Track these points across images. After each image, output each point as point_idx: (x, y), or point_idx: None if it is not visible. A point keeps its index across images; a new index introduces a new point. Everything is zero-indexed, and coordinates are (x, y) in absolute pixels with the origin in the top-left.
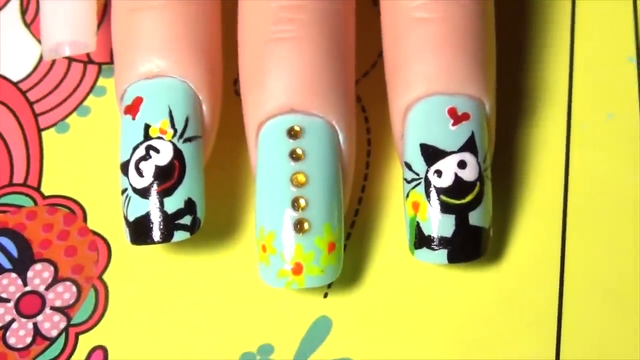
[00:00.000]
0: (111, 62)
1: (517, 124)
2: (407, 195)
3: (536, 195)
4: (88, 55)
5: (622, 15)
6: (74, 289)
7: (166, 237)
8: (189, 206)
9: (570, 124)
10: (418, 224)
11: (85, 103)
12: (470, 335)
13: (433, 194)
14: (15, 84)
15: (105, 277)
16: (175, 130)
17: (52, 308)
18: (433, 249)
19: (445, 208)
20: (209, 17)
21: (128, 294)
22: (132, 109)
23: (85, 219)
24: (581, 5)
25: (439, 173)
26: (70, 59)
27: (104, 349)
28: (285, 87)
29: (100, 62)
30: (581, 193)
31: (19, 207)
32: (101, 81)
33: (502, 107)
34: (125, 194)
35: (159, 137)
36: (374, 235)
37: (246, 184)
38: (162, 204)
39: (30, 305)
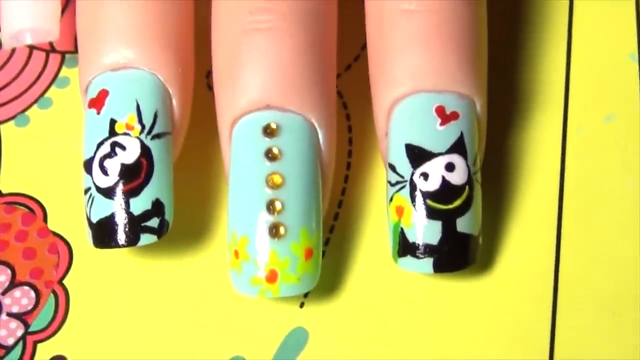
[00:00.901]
0: (75, 52)
1: (509, 125)
2: (391, 199)
3: (529, 201)
4: (51, 43)
5: (623, 10)
6: (33, 294)
7: (132, 240)
8: (157, 207)
9: (566, 127)
10: (402, 230)
11: (47, 95)
12: (456, 350)
13: (419, 198)
14: None
15: (66, 282)
16: (143, 126)
17: (9, 314)
18: (418, 257)
19: (432, 213)
20: (181, 6)
21: (90, 300)
22: (97, 103)
23: (45, 219)
24: (579, 1)
25: (425, 176)
26: (32, 48)
27: (63, 359)
28: (261, 82)
29: (63, 50)
30: (576, 199)
31: None
32: (64, 71)
33: (493, 107)
34: (88, 194)
35: (125, 133)
36: (355, 241)
37: (218, 184)
38: (127, 204)
39: None
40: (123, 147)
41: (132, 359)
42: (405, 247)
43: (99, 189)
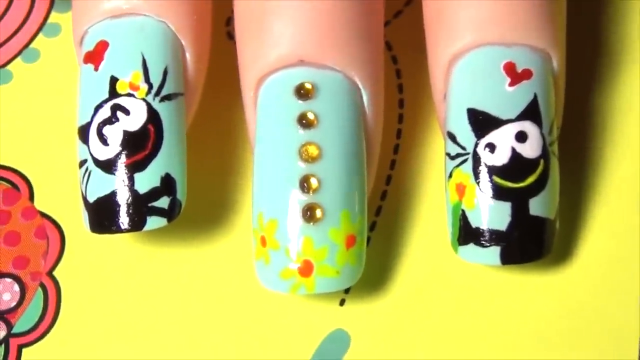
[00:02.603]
0: None
1: (593, 85)
2: (450, 175)
3: (615, 178)
4: None
5: None
6: (17, 287)
7: (137, 224)
8: (167, 184)
9: None
10: (464, 212)
11: (33, 45)
12: (529, 357)
13: (483, 174)
14: None
15: (56, 273)
16: (151, 85)
17: None
18: (483, 246)
19: (499, 193)
20: None
21: (85, 296)
22: (95, 57)
23: (31, 198)
24: None
25: (491, 147)
26: None
27: None
28: (294, 32)
29: None
30: None
31: None
32: (54, 17)
33: (574, 63)
34: (84, 167)
35: (129, 94)
36: (406, 225)
37: (241, 156)
38: (132, 181)
39: None
40: (126, 111)
41: None
42: (467, 233)
43: (97, 162)
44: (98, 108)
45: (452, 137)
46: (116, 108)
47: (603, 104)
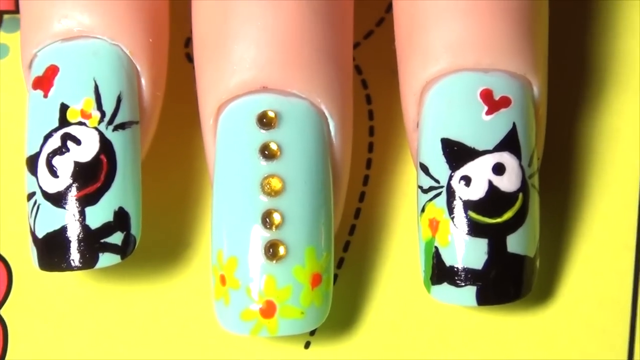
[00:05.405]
0: (17, 12)
1: (577, 113)
2: (423, 210)
3: (601, 212)
4: None
5: None
6: None
7: (88, 261)
8: (120, 219)
9: None
10: (437, 249)
11: None
12: None
13: (458, 208)
14: None
15: (3, 312)
16: (103, 114)
17: None
18: (457, 285)
19: (475, 229)
20: None
21: (34, 336)
22: (44, 83)
23: None
24: None
25: (466, 180)
26: None
27: None
28: (256, 56)
29: (1, 10)
30: None
31: None
32: (1, 37)
33: (556, 90)
34: (32, 201)
35: (80, 123)
36: (376, 262)
37: (200, 188)
38: (83, 215)
39: None
40: (77, 141)
41: None
42: (440, 272)
43: (46, 195)
44: (47, 137)
45: (425, 169)
46: (66, 137)
47: (587, 133)
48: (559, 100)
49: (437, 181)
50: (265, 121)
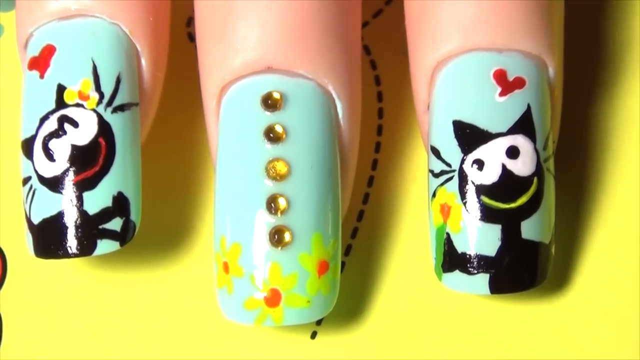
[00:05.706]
0: None
1: (593, 95)
2: (434, 195)
3: (618, 197)
4: None
5: None
6: None
7: (86, 248)
8: (119, 204)
9: None
10: (448, 236)
11: None
12: None
13: (471, 193)
14: None
15: None
16: (102, 95)
17: None
18: (469, 273)
19: (488, 214)
20: None
21: (29, 325)
22: (40, 63)
23: None
24: None
25: (479, 164)
26: None
27: None
28: (261, 35)
29: None
30: None
31: None
32: None
33: (572, 70)
34: (28, 185)
35: (77, 105)
36: (385, 249)
37: (202, 172)
38: (80, 200)
39: None
40: (75, 123)
41: None
42: (452, 259)
43: (42, 180)
44: (44, 120)
45: (436, 153)
46: (63, 120)
47: (604, 116)
48: (575, 82)
49: (448, 165)
50: (270, 103)
